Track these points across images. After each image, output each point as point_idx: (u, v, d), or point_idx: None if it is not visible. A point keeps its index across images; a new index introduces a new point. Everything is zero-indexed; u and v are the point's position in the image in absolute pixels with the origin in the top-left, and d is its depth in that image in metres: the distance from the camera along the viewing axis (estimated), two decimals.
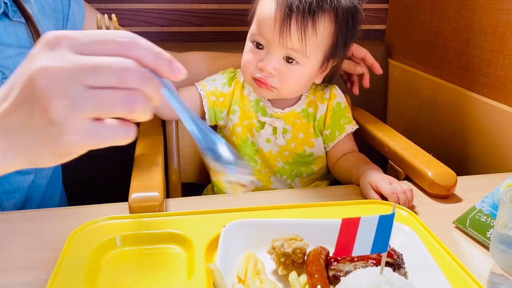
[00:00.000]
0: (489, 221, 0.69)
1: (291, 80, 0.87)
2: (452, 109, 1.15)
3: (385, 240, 0.50)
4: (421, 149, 0.93)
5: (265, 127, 0.94)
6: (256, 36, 0.87)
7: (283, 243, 0.59)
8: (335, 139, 0.96)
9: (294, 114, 0.94)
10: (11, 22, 0.79)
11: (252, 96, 0.95)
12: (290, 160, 0.96)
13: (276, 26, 0.82)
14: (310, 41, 0.84)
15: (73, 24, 0.91)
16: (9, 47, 0.78)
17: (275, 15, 0.83)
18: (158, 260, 0.63)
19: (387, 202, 0.75)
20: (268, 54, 0.85)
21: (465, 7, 1.08)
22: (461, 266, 0.60)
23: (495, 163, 1.02)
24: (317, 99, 0.96)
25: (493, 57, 1.01)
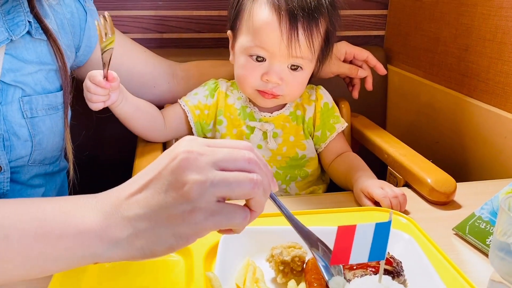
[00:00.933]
0: (489, 228, 0.68)
1: (296, 86, 0.88)
2: (451, 115, 1.15)
3: (383, 248, 0.49)
4: (420, 156, 0.93)
5: (254, 132, 0.93)
6: (255, 50, 0.84)
7: (282, 251, 0.59)
8: (327, 139, 0.96)
9: (283, 118, 0.94)
10: (31, 39, 0.79)
11: (238, 104, 0.95)
12: (283, 164, 0.95)
13: (284, 37, 0.81)
14: (316, 46, 0.85)
15: (89, 39, 0.92)
16: (30, 64, 0.79)
17: (280, 26, 0.81)
18: (156, 268, 0.63)
19: (384, 209, 0.75)
20: (272, 65, 0.84)
21: (464, 13, 1.08)
22: (461, 274, 0.60)
23: (494, 169, 1.02)
24: (303, 101, 0.96)
25: (492, 63, 1.01)
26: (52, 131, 0.84)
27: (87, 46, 0.92)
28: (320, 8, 0.83)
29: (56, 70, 0.83)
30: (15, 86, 0.78)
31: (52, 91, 0.83)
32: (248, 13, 0.85)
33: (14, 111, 0.78)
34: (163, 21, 1.28)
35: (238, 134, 0.94)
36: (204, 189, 0.43)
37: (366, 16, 1.40)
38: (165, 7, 1.27)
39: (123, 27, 1.24)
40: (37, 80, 0.81)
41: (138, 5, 1.25)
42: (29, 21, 0.78)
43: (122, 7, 1.24)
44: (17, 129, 0.79)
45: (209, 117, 0.96)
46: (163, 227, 0.44)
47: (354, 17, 1.39)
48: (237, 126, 0.94)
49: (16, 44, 0.77)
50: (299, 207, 0.80)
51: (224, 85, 0.97)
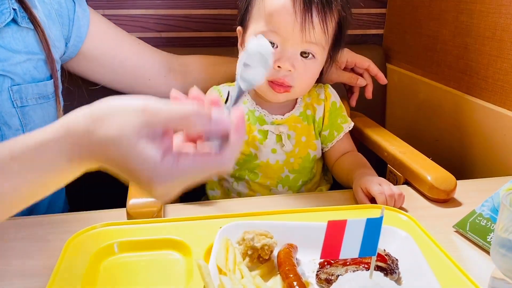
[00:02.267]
0: (489, 225, 0.68)
1: (307, 76, 0.86)
2: (450, 113, 1.14)
3: (374, 244, 0.49)
4: (420, 153, 0.92)
5: (268, 136, 0.90)
6: (267, 35, 0.81)
7: (254, 236, 0.60)
8: (334, 139, 0.95)
9: (294, 118, 0.93)
10: (19, 28, 0.79)
11: (244, 108, 0.92)
12: (296, 167, 0.93)
13: (297, 19, 0.79)
14: (330, 31, 0.83)
15: (78, 29, 0.91)
16: (18, 53, 0.79)
17: (294, 7, 0.79)
18: (156, 267, 0.62)
19: (381, 206, 0.75)
20: (285, 51, 0.82)
21: (462, 11, 1.08)
22: (462, 271, 0.59)
23: (494, 167, 1.01)
24: (313, 100, 0.95)
25: (491, 61, 1.01)
26: (44, 121, 0.83)
27: (77, 36, 0.91)
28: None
29: (45, 60, 0.83)
30: (3, 75, 0.78)
31: (41, 80, 0.83)
32: (262, 4, 0.83)
33: (4, 101, 0.78)
34: (161, 20, 1.27)
35: (250, 140, 0.91)
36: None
37: (365, 14, 1.40)
38: (163, 6, 1.26)
39: (121, 26, 1.23)
40: (26, 69, 0.80)
41: (137, 4, 1.24)
42: (14, 8, 0.77)
43: (120, 6, 1.23)
44: (7, 119, 0.79)
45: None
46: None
47: (353, 15, 1.39)
48: (248, 132, 0.90)
49: (3, 33, 0.77)
50: (302, 205, 0.80)
51: (226, 91, 0.94)
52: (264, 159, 0.92)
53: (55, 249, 0.64)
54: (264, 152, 0.91)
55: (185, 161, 0.47)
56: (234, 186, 0.94)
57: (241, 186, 0.94)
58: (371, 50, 1.38)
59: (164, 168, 0.46)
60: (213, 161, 0.49)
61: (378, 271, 0.56)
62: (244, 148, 0.91)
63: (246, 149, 0.91)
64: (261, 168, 0.92)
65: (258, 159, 0.92)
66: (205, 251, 0.63)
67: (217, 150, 0.49)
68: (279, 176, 0.93)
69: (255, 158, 0.92)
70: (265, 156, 0.91)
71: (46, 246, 0.67)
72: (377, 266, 0.56)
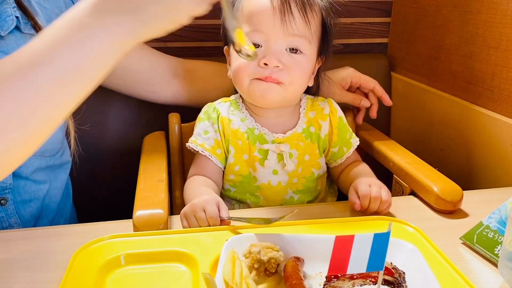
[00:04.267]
0: (497, 237, 0.68)
1: (298, 71, 0.83)
2: (456, 122, 1.14)
3: (381, 258, 0.49)
4: (426, 164, 0.92)
5: (268, 156, 0.87)
6: (250, 36, 0.80)
7: (260, 250, 0.60)
8: (344, 155, 0.93)
9: (296, 136, 0.89)
10: (22, 35, 0.80)
11: (243, 127, 0.88)
12: (300, 187, 0.90)
13: (276, 13, 0.79)
14: (312, 22, 0.82)
15: None
16: None
17: (272, 3, 0.79)
18: (163, 279, 0.62)
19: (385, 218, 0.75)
20: (269, 48, 0.81)
21: (468, 21, 1.08)
22: (469, 284, 0.59)
23: (501, 177, 1.01)
24: (317, 116, 0.91)
25: (496, 71, 1.01)
26: None
27: None
28: None
29: None
30: None
31: None
32: (240, 8, 0.84)
33: None
34: None
35: (250, 160, 0.88)
36: None
37: (369, 24, 1.40)
38: None
39: None
40: None
41: None
42: (17, 16, 0.78)
43: None
44: None
45: (225, 150, 0.89)
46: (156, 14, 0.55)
47: (357, 25, 1.39)
48: (248, 151, 0.88)
49: (7, 41, 0.78)
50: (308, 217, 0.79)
51: (224, 108, 0.91)
52: (265, 181, 0.89)
53: (62, 261, 0.64)
54: (265, 174, 0.88)
55: None
56: (236, 207, 0.92)
57: (243, 209, 0.91)
58: (375, 59, 1.39)
59: None
60: None
61: (385, 285, 0.55)
62: (243, 169, 0.89)
63: (245, 170, 0.89)
64: (262, 191, 0.89)
65: (258, 181, 0.89)
66: (212, 263, 0.63)
67: None
68: (283, 199, 0.90)
69: (254, 180, 0.89)
70: (266, 178, 0.89)
71: (53, 258, 0.67)
72: (384, 280, 0.56)
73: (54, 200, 0.94)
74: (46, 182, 0.90)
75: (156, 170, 0.89)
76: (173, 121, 1.02)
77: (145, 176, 0.87)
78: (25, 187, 0.86)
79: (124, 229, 0.72)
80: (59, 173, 0.95)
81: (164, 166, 0.91)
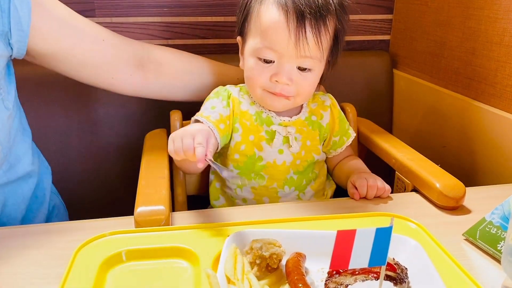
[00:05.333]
0: (500, 233, 0.68)
1: (306, 87, 0.87)
2: (458, 119, 1.14)
3: (384, 253, 0.49)
4: (428, 160, 0.92)
5: (276, 137, 0.91)
6: (263, 51, 0.84)
7: (262, 245, 0.60)
8: (344, 144, 0.98)
9: (300, 122, 0.94)
10: None
11: (252, 109, 0.92)
12: (300, 169, 0.94)
13: (292, 37, 0.81)
14: (324, 45, 0.84)
15: (18, 21, 0.80)
16: None
17: (288, 24, 0.81)
18: (164, 275, 0.62)
19: (387, 214, 0.74)
20: (281, 66, 0.84)
21: (470, 17, 1.07)
22: (472, 279, 0.59)
23: (504, 174, 1.01)
24: (318, 107, 0.96)
25: (499, 67, 1.00)
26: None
27: (19, 30, 0.80)
28: (328, 6, 0.83)
29: None
30: None
31: None
32: (256, 15, 0.85)
33: None
34: (168, 28, 1.28)
35: (256, 141, 0.91)
36: None
37: (371, 20, 1.40)
38: (170, 13, 1.27)
39: (128, 33, 1.25)
40: None
41: (144, 11, 1.25)
42: None
43: (127, 14, 1.24)
44: None
45: (229, 127, 0.91)
46: None
47: (359, 21, 1.39)
48: (255, 132, 0.92)
49: None
50: (309, 213, 0.79)
51: (234, 90, 0.94)
52: (271, 160, 0.92)
53: (63, 257, 0.64)
54: (271, 153, 0.92)
55: None
56: (238, 192, 0.94)
57: (246, 192, 0.94)
58: (377, 56, 1.38)
59: None
60: None
61: (387, 280, 0.55)
62: (248, 149, 0.91)
63: (250, 150, 0.92)
64: (268, 169, 0.92)
65: (264, 160, 0.92)
66: (213, 259, 0.63)
67: None
68: (285, 178, 0.94)
69: (260, 159, 0.92)
70: (272, 157, 0.92)
71: (54, 255, 0.67)
72: (386, 276, 0.56)
73: (14, 216, 0.89)
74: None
75: (158, 167, 0.89)
76: (174, 119, 1.02)
77: (147, 173, 0.87)
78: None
79: (126, 226, 0.72)
80: (16, 188, 0.89)
81: (166, 163, 0.91)
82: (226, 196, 0.97)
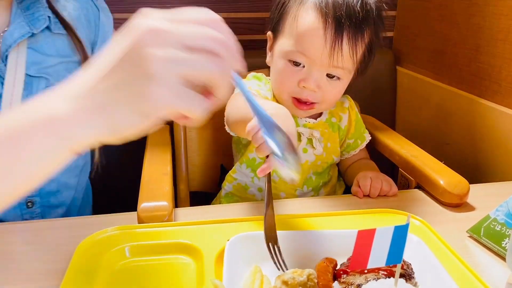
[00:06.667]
0: (504, 230, 0.67)
1: (333, 95, 0.86)
2: (462, 116, 1.13)
3: (400, 251, 0.48)
4: (432, 157, 0.91)
5: (301, 139, 0.90)
6: (295, 55, 0.82)
7: (293, 275, 0.55)
8: (358, 147, 0.98)
9: (322, 124, 0.93)
10: (51, 34, 0.83)
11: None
12: (319, 170, 0.94)
13: (327, 46, 0.79)
14: (358, 57, 0.83)
15: (103, 35, 0.93)
16: (50, 57, 0.83)
17: (325, 33, 0.79)
18: (167, 271, 0.62)
19: (397, 211, 0.74)
20: (311, 72, 0.82)
21: (475, 13, 1.07)
22: (476, 277, 0.58)
23: (508, 171, 1.00)
24: (337, 109, 0.96)
25: (504, 64, 1.00)
26: None
27: (102, 43, 0.93)
28: (368, 19, 0.81)
29: (75, 62, 0.86)
30: (39, 77, 0.81)
31: None
32: (293, 17, 0.82)
33: None
34: None
35: None
36: (166, 66, 0.42)
37: None
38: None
39: None
40: (59, 71, 0.84)
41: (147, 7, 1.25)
42: (49, 16, 0.81)
43: (130, 10, 1.24)
44: None
45: None
46: (123, 104, 0.43)
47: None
48: None
49: (37, 38, 0.81)
50: (313, 209, 0.79)
51: (264, 89, 0.92)
52: None
53: (66, 253, 0.64)
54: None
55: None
56: (255, 181, 0.93)
57: (263, 182, 0.93)
58: (381, 53, 1.37)
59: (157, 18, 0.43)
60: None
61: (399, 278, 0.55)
62: None
63: None
64: None
65: None
66: (216, 255, 0.63)
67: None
68: (305, 177, 0.93)
69: None
70: None
71: (57, 250, 0.67)
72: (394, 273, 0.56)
73: (77, 204, 0.96)
74: (73, 189, 0.92)
75: (161, 163, 0.89)
76: None
77: (150, 169, 0.87)
78: (55, 193, 0.88)
79: (129, 221, 0.72)
80: (81, 177, 0.96)
81: (169, 159, 0.91)
82: (238, 184, 0.95)
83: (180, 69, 0.42)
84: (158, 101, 0.42)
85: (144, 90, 0.42)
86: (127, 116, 0.43)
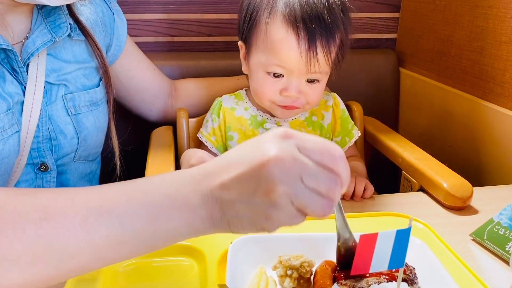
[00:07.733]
0: (508, 234, 0.67)
1: (315, 96, 0.88)
2: (466, 118, 1.13)
3: (402, 255, 0.48)
4: (435, 160, 0.91)
5: None
6: (273, 68, 0.84)
7: (290, 257, 0.58)
8: (346, 144, 0.98)
9: (299, 123, 0.94)
10: (71, 41, 0.84)
11: (246, 114, 0.94)
12: None
13: (303, 57, 0.81)
14: (332, 57, 0.85)
15: (118, 38, 0.95)
16: (69, 63, 0.83)
17: (299, 45, 0.80)
18: (170, 273, 0.62)
19: (398, 214, 0.74)
20: (290, 81, 0.85)
21: (478, 16, 1.07)
22: (480, 280, 0.58)
23: (511, 174, 1.00)
24: (320, 107, 0.96)
25: (507, 66, 1.00)
26: (95, 127, 0.87)
27: (116, 45, 0.95)
28: (336, 21, 0.82)
29: (93, 67, 0.87)
30: (58, 84, 0.81)
31: (91, 87, 0.86)
32: (264, 30, 0.83)
33: (59, 110, 0.81)
34: (174, 25, 1.27)
35: None
36: (288, 201, 0.46)
37: (378, 19, 1.39)
38: (176, 10, 1.26)
39: (134, 30, 1.24)
40: (77, 77, 0.84)
41: (150, 8, 1.25)
42: (70, 23, 0.81)
43: (133, 11, 1.24)
44: (63, 127, 0.82)
45: (221, 137, 0.95)
46: (247, 217, 0.48)
47: (366, 20, 1.38)
48: (251, 136, 0.92)
49: (56, 44, 0.81)
50: None
51: (227, 100, 0.96)
52: None
53: None
54: None
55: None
56: None
57: None
58: (384, 54, 1.37)
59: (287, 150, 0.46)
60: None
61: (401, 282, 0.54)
62: None
63: None
64: None
65: None
66: (219, 257, 0.63)
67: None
68: None
69: None
70: None
71: None
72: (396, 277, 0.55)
73: None
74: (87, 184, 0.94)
75: (164, 164, 0.89)
76: (180, 116, 1.02)
77: (153, 169, 0.87)
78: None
79: None
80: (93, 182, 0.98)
81: (172, 160, 0.91)
82: None
83: (298, 203, 0.46)
84: (276, 223, 0.48)
85: (266, 212, 0.47)
86: (249, 226, 0.48)
